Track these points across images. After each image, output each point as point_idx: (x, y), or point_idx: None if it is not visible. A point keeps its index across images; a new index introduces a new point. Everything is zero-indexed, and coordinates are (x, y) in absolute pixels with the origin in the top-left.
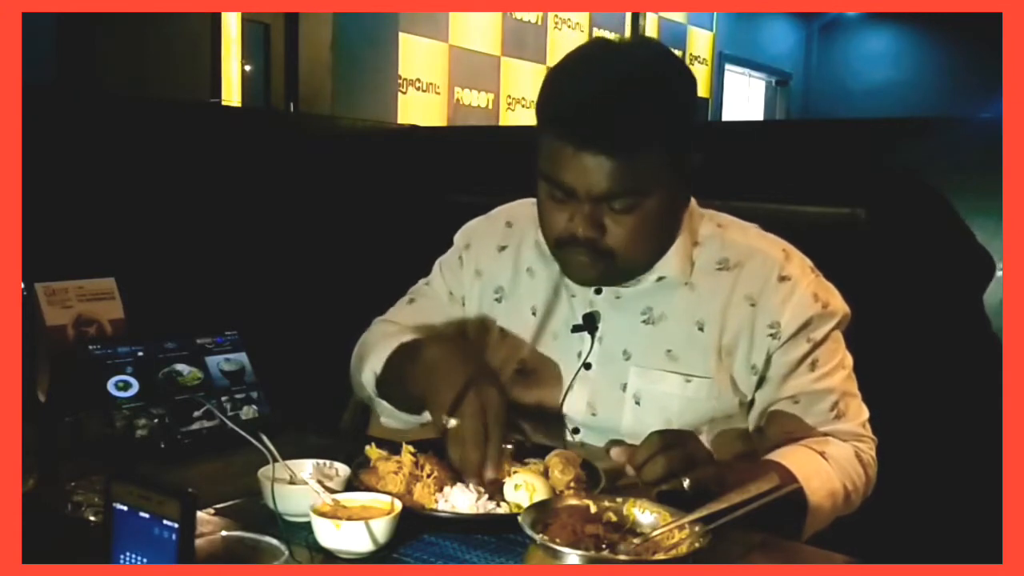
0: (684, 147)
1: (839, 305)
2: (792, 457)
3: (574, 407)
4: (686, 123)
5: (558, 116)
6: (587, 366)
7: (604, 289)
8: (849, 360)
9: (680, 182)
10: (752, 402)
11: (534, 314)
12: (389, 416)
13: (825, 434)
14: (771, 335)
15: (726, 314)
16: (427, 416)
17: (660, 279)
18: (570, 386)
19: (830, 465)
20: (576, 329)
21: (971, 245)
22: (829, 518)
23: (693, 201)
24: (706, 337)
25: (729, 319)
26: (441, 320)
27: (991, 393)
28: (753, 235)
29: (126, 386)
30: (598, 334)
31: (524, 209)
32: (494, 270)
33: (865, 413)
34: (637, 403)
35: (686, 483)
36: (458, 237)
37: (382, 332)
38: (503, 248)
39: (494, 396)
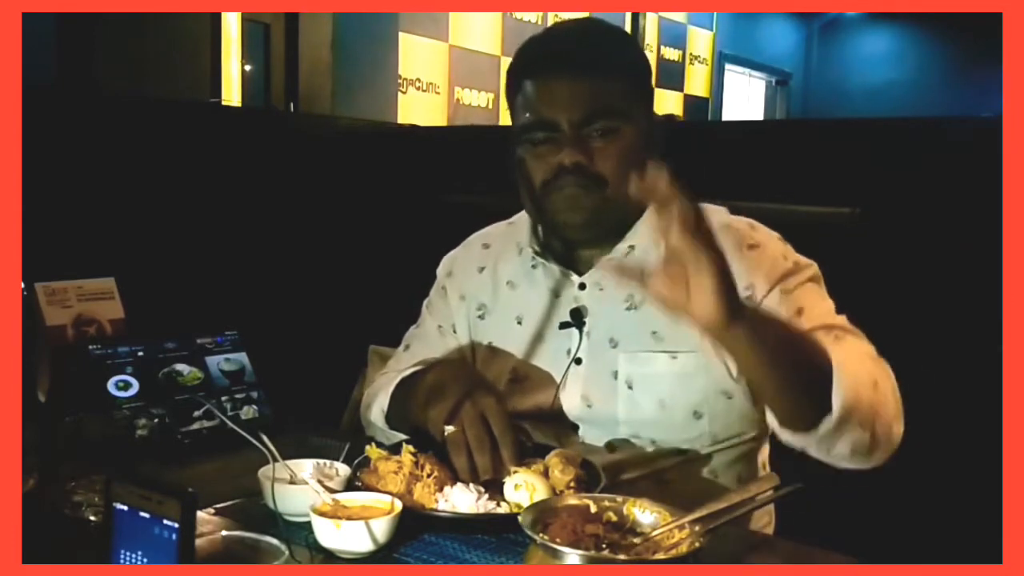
0: (648, 92)
1: (808, 262)
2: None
3: (569, 403)
4: (645, 69)
5: (531, 60)
6: (577, 361)
7: (587, 283)
8: (841, 318)
9: (649, 131)
10: None
11: (519, 323)
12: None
13: None
14: (748, 298)
15: None
16: None
17: (631, 248)
18: (563, 383)
19: (849, 353)
20: (564, 326)
21: (971, 245)
22: (862, 399)
23: None
24: None
25: None
26: (438, 355)
27: (991, 393)
28: (721, 215)
29: (126, 386)
30: (585, 328)
31: (498, 229)
32: (476, 290)
33: (870, 345)
34: (630, 387)
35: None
36: (440, 269)
37: (385, 379)
38: (482, 269)
39: (492, 403)
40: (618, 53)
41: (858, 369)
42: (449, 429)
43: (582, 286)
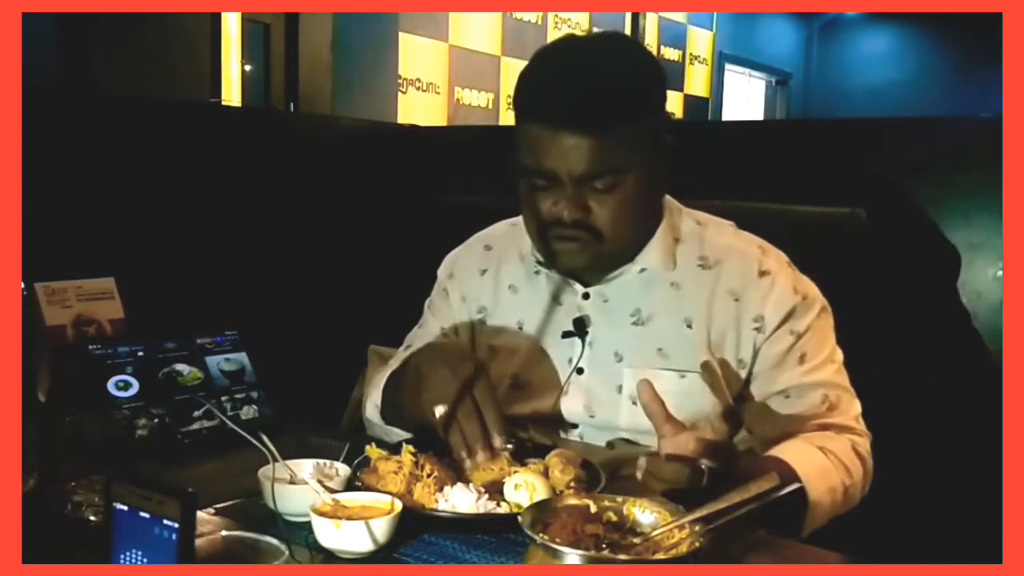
0: (657, 126)
1: (817, 295)
2: (792, 452)
3: (571, 411)
4: (657, 102)
5: (536, 103)
6: (579, 371)
7: (591, 293)
8: (839, 355)
9: (657, 164)
10: (744, 399)
11: (520, 328)
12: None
13: (820, 427)
14: (756, 328)
15: (711, 310)
16: None
17: (642, 271)
18: (565, 391)
19: (829, 460)
20: (567, 335)
21: (971, 245)
22: (829, 514)
23: (671, 199)
24: (694, 334)
25: (715, 315)
26: None
27: (991, 393)
28: (730, 233)
29: (126, 386)
30: (588, 339)
31: (501, 230)
32: (477, 293)
33: (857, 407)
34: (633, 403)
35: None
36: (441, 270)
37: (380, 376)
38: (484, 271)
39: (468, 371)
40: (629, 94)
41: (834, 482)
42: (440, 410)
43: (586, 295)
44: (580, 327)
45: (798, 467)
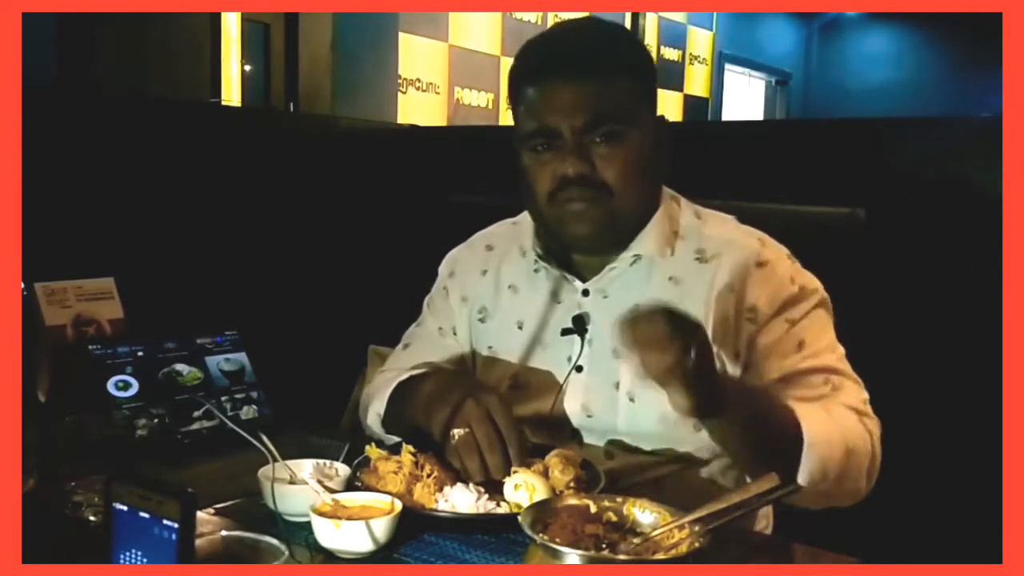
0: (652, 93)
1: (816, 287)
2: (794, 401)
3: (569, 410)
4: (650, 69)
5: (530, 64)
6: (578, 369)
7: (591, 290)
8: (840, 348)
9: (655, 139)
10: None
11: (520, 328)
12: None
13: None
14: (749, 319)
15: (710, 305)
16: None
17: (637, 258)
18: (563, 390)
19: (831, 417)
20: (566, 332)
21: (970, 245)
22: (826, 469)
23: (671, 191)
24: None
25: (713, 310)
26: (438, 357)
27: (991, 393)
28: (730, 227)
29: (126, 386)
30: (587, 336)
31: (502, 229)
32: (478, 293)
33: (864, 394)
34: (631, 400)
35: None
36: (442, 268)
37: (383, 380)
38: (485, 272)
39: (495, 401)
40: (620, 54)
41: (833, 437)
42: (459, 432)
43: (585, 292)
44: (579, 324)
45: (798, 411)
